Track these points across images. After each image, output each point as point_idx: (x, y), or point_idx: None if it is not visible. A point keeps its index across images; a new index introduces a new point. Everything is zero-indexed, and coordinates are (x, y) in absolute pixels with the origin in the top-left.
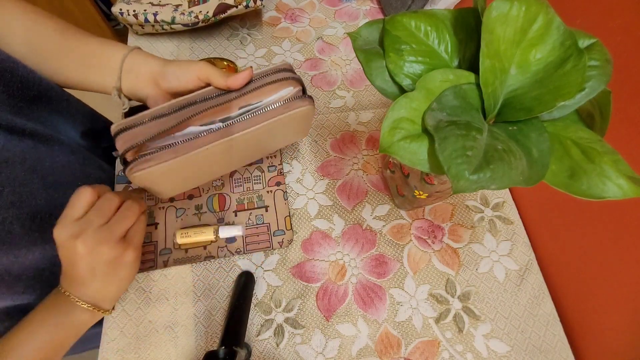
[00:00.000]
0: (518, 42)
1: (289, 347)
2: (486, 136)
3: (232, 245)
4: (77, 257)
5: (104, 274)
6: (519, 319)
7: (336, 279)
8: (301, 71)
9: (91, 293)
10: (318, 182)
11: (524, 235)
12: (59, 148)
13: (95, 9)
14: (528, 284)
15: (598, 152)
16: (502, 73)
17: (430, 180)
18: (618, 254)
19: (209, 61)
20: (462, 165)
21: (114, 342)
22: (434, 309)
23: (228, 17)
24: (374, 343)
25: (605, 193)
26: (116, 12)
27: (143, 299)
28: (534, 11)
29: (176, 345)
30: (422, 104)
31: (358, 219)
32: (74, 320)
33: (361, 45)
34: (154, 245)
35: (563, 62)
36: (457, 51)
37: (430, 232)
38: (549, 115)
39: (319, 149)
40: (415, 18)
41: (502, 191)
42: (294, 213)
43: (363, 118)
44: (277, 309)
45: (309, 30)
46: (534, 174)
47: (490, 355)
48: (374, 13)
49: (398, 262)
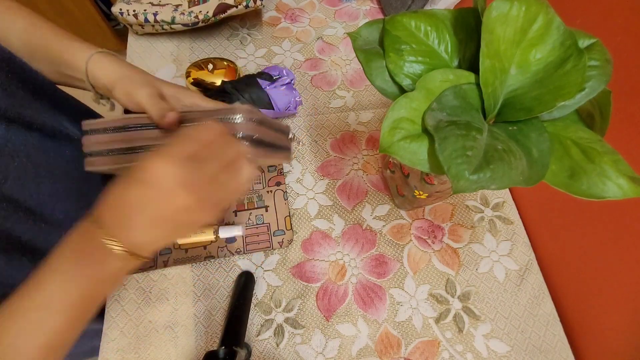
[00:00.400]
0: (518, 42)
1: (289, 347)
2: (486, 136)
3: (232, 245)
4: (161, 204)
5: (169, 227)
6: (519, 319)
7: (336, 279)
8: (301, 71)
9: (138, 240)
10: (318, 182)
11: (524, 235)
12: (65, 142)
13: (95, 9)
14: (528, 284)
15: (598, 152)
16: (502, 73)
17: (430, 180)
18: (618, 254)
19: (209, 61)
20: (462, 165)
21: (114, 342)
22: (434, 309)
23: (228, 17)
24: (374, 343)
25: (605, 193)
26: (116, 12)
27: (143, 299)
28: (534, 11)
29: (176, 345)
30: (422, 104)
31: (358, 219)
32: (109, 269)
33: (361, 45)
34: None
35: (563, 62)
36: (457, 51)
37: (430, 232)
38: (549, 115)
39: (319, 149)
40: (415, 18)
41: (502, 191)
42: (294, 213)
43: (363, 118)
44: (277, 309)
45: (309, 30)
46: (534, 174)
47: (490, 355)
48: (374, 13)
49: (398, 262)
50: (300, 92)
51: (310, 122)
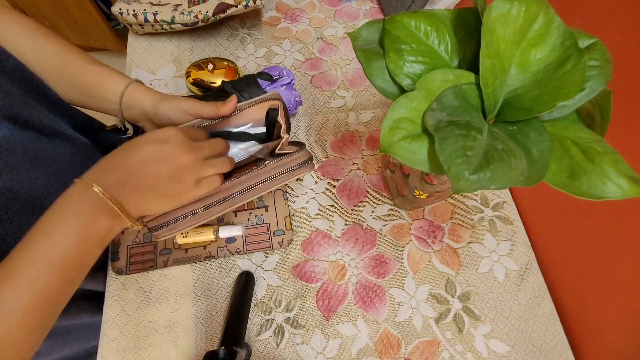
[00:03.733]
0: (518, 42)
1: (289, 347)
2: (486, 136)
3: (232, 245)
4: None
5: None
6: (519, 319)
7: (336, 279)
8: (301, 71)
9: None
10: (318, 182)
11: (524, 235)
12: (61, 141)
13: (95, 9)
14: (528, 284)
15: (598, 152)
16: (502, 73)
17: (430, 180)
18: (618, 254)
19: (209, 61)
20: (462, 165)
21: (113, 342)
22: (434, 309)
23: (228, 16)
24: (374, 343)
25: (605, 193)
26: (116, 12)
27: (143, 299)
28: (534, 11)
29: (176, 345)
30: (422, 104)
31: (358, 219)
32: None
33: (361, 45)
34: (154, 245)
35: (563, 62)
36: (457, 51)
37: (430, 232)
38: (549, 115)
39: (319, 149)
40: (415, 18)
41: (502, 191)
42: (294, 213)
43: (363, 118)
44: (277, 309)
45: (309, 30)
46: (534, 174)
47: (490, 355)
48: (374, 13)
49: (398, 262)
50: (300, 92)
51: (310, 122)
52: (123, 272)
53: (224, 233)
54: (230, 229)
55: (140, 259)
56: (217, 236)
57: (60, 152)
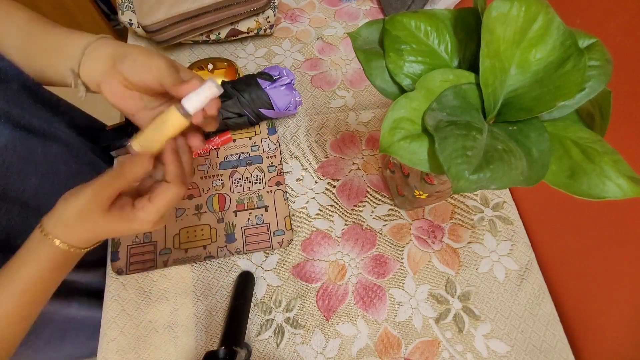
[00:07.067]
0: (518, 42)
1: (289, 347)
2: (486, 136)
3: (232, 245)
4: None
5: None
6: (519, 319)
7: (336, 279)
8: (301, 71)
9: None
10: (318, 182)
11: (524, 235)
12: (53, 141)
13: (95, 9)
14: (528, 284)
15: (598, 152)
16: (502, 73)
17: (430, 180)
18: (618, 254)
19: (209, 61)
20: (462, 165)
21: (114, 342)
22: (434, 309)
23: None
24: (374, 343)
25: (605, 193)
26: (125, 22)
27: (143, 298)
28: (534, 11)
29: (176, 345)
30: (422, 104)
31: (358, 219)
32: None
33: (361, 45)
34: (154, 245)
35: (563, 62)
36: (457, 51)
37: (430, 232)
38: (549, 115)
39: (319, 149)
40: (415, 18)
41: (502, 191)
42: (294, 213)
43: (363, 118)
44: (277, 309)
45: (309, 30)
46: (534, 174)
47: (490, 355)
48: (374, 13)
49: (398, 262)
50: (300, 92)
51: (310, 122)
52: (123, 272)
53: (189, 102)
54: (196, 93)
55: (140, 259)
56: (185, 114)
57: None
